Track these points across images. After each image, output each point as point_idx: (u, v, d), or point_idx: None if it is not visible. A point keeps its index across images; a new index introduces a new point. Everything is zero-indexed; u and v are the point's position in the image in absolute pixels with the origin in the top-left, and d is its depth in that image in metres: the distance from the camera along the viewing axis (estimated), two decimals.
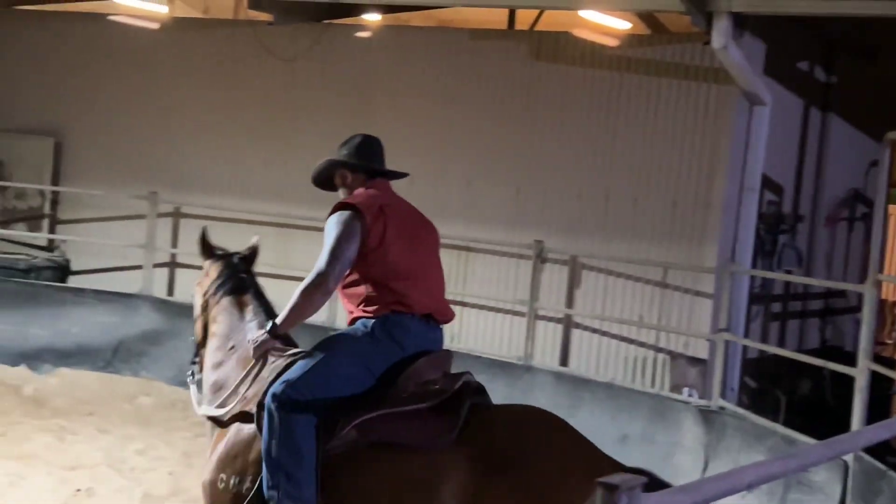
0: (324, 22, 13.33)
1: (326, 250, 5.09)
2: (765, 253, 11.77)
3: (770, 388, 11.32)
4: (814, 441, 7.96)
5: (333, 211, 5.20)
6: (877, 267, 9.51)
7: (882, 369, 8.75)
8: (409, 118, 12.68)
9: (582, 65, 11.90)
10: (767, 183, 11.48)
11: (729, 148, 11.01)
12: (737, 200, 11.04)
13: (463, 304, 12.38)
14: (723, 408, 9.77)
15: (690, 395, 10.49)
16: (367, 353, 5.05)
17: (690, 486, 3.09)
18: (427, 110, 12.74)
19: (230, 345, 5.58)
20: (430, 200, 12.13)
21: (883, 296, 13.33)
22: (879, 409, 9.03)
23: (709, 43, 10.15)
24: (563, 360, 11.72)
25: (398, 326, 5.10)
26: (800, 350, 11.89)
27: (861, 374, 8.42)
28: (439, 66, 12.74)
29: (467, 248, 12.35)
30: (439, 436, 4.73)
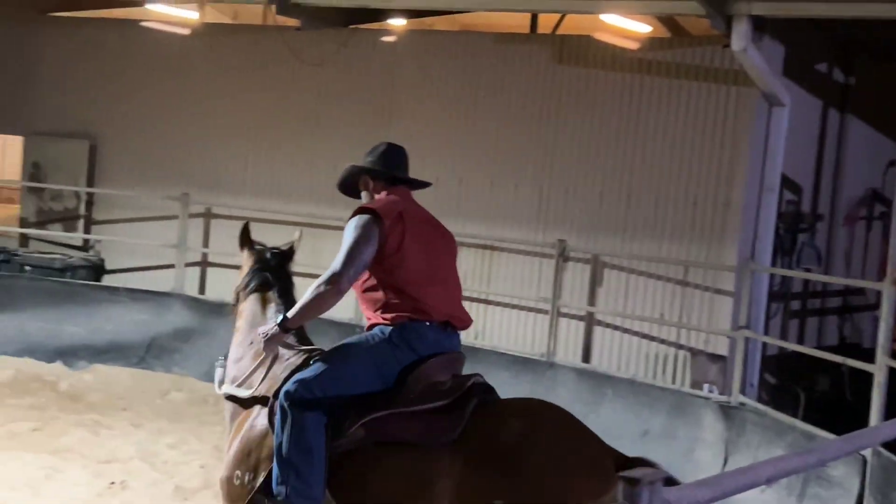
0: (350, 27, 13.34)
1: (343, 252, 5.08)
2: (784, 251, 11.72)
3: (789, 385, 11.26)
4: (832, 436, 7.92)
5: (353, 215, 5.19)
6: (895, 265, 9.46)
7: None
8: (433, 120, 12.69)
9: (603, 68, 11.87)
10: (787, 183, 11.42)
11: (748, 148, 10.96)
12: (756, 200, 10.99)
13: (487, 303, 12.39)
14: (743, 404, 9.73)
15: (711, 392, 10.45)
16: (382, 360, 5.04)
17: (711, 481, 3.09)
18: (451, 113, 12.74)
19: (249, 340, 5.58)
20: (455, 201, 12.24)
21: None
22: None
23: (728, 45, 10.12)
24: (586, 357, 11.70)
25: (415, 334, 5.07)
26: (819, 347, 11.82)
27: (879, 371, 8.37)
28: (463, 70, 12.73)
29: (491, 248, 12.35)
30: (442, 434, 4.71)
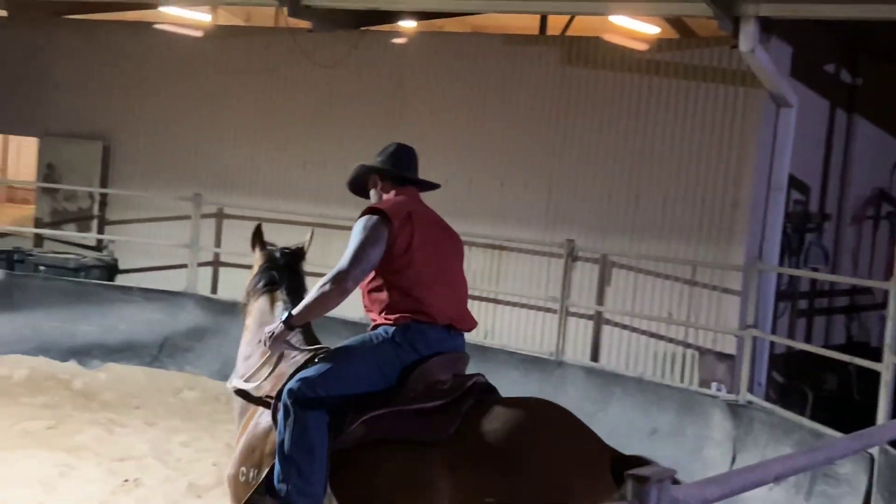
0: (361, 29, 13.35)
1: (350, 251, 5.04)
2: (791, 251, 11.70)
3: (797, 383, 11.23)
4: (840, 435, 7.89)
5: (362, 214, 5.15)
6: None
7: None
8: (443, 121, 12.68)
9: (612, 69, 11.84)
10: (794, 183, 11.39)
11: (756, 149, 10.93)
12: (764, 200, 10.97)
13: (496, 302, 12.37)
14: (750, 402, 9.70)
15: (719, 390, 10.42)
16: (385, 359, 5.01)
17: (719, 478, 3.07)
18: (461, 114, 12.73)
19: (258, 339, 5.56)
20: (464, 201, 12.22)
21: None
22: None
23: (736, 46, 10.09)
24: (594, 356, 11.68)
25: (418, 335, 5.03)
26: (826, 346, 11.79)
27: (886, 370, 8.33)
28: (473, 71, 12.72)
29: (500, 248, 12.34)
30: (437, 432, 4.68)
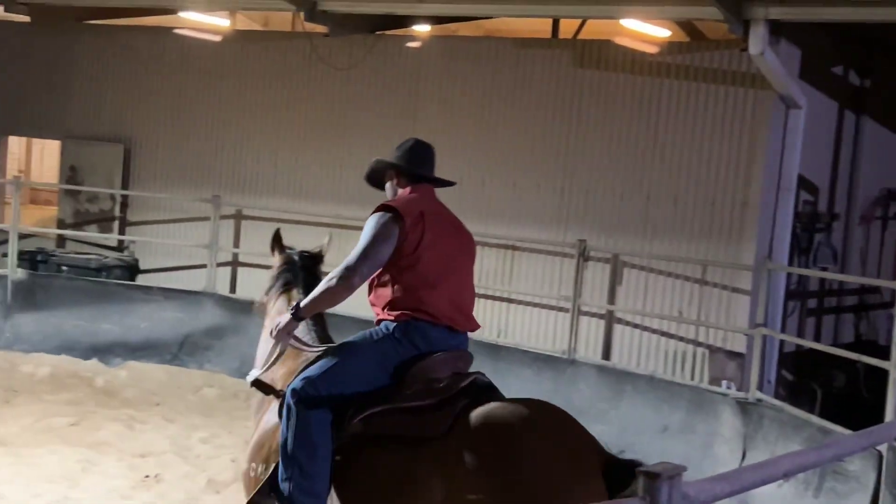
0: (376, 33, 13.38)
1: (359, 247, 5.00)
2: (801, 250, 11.67)
3: (806, 381, 11.20)
4: (849, 432, 7.87)
5: (376, 210, 5.11)
6: None
7: None
8: (457, 123, 12.68)
9: (623, 71, 11.83)
10: (803, 183, 11.36)
11: (766, 150, 10.91)
12: (773, 200, 10.94)
13: (509, 301, 12.38)
14: (760, 400, 9.68)
15: (729, 388, 10.39)
16: (385, 356, 4.99)
17: (729, 475, 3.08)
18: (474, 116, 12.73)
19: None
20: (478, 202, 12.22)
21: None
22: None
23: (746, 49, 10.08)
24: (606, 354, 11.67)
25: (418, 332, 5.00)
26: (835, 344, 11.76)
27: (894, 368, 8.30)
28: (486, 74, 12.72)
29: (513, 248, 12.34)
30: (430, 429, 4.66)
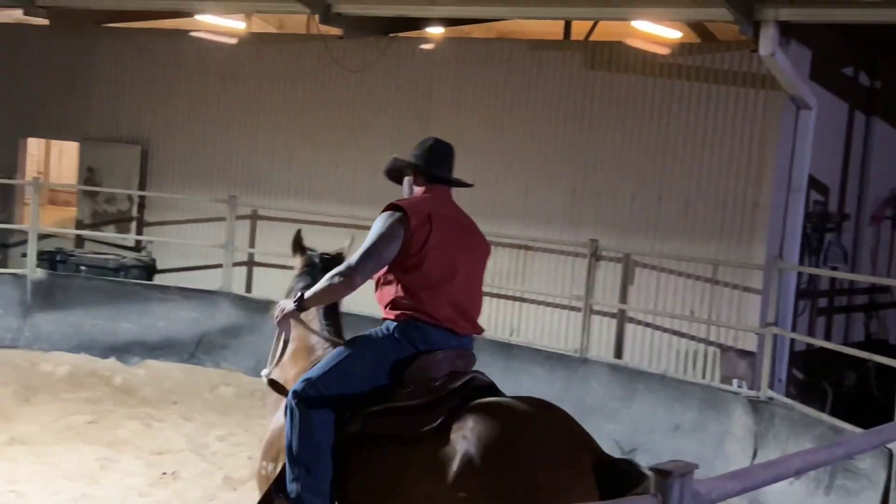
0: (390, 35, 13.38)
1: (364, 246, 4.99)
2: (811, 250, 11.63)
3: (817, 380, 11.16)
4: (859, 430, 7.84)
5: (385, 210, 5.09)
6: None
7: None
8: (470, 124, 12.67)
9: (635, 72, 11.81)
10: (814, 183, 11.32)
11: (776, 150, 10.87)
12: (784, 200, 10.90)
13: (522, 300, 12.36)
14: (771, 398, 9.64)
15: (740, 387, 10.36)
16: (385, 356, 4.98)
17: (741, 473, 3.07)
18: (487, 117, 12.72)
19: (292, 335, 5.55)
20: (491, 202, 12.21)
21: None
22: None
23: (756, 50, 10.05)
24: (618, 353, 11.65)
25: (419, 333, 4.98)
26: (845, 343, 11.72)
27: None
28: (499, 76, 12.71)
29: (526, 247, 12.33)
30: (420, 428, 4.64)
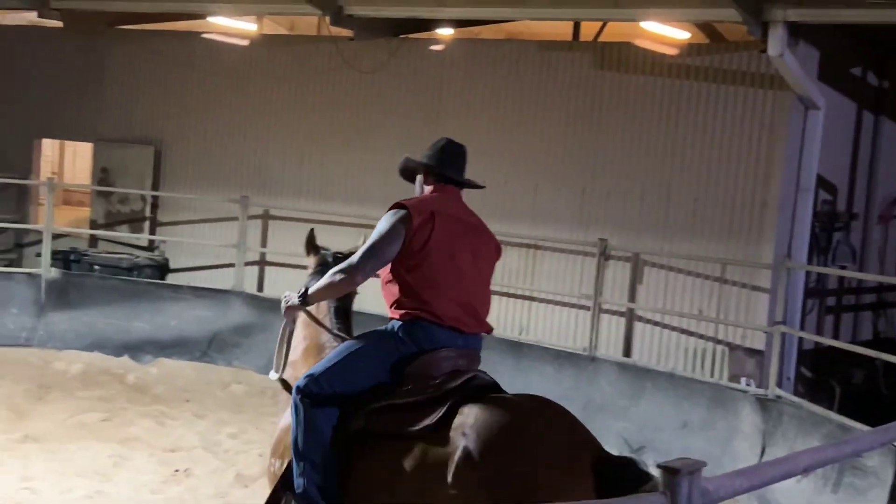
0: (400, 37, 13.38)
1: (366, 245, 5.03)
2: (820, 249, 11.59)
3: (825, 378, 11.13)
4: (867, 428, 7.81)
5: (390, 208, 5.11)
6: None
7: None
8: (480, 125, 12.65)
9: (644, 73, 11.79)
10: (822, 183, 11.29)
11: (785, 150, 10.85)
12: (793, 200, 10.88)
13: (531, 299, 12.35)
14: (779, 396, 9.62)
15: (748, 385, 10.34)
16: (388, 354, 4.98)
17: (749, 470, 3.06)
18: (497, 118, 12.71)
19: (303, 334, 5.58)
20: (501, 203, 12.20)
21: None
22: None
23: (765, 51, 10.03)
24: (627, 352, 11.64)
25: (422, 332, 4.97)
26: (853, 342, 11.68)
27: None
28: (508, 77, 12.70)
29: (535, 247, 12.32)
30: (419, 426, 4.63)
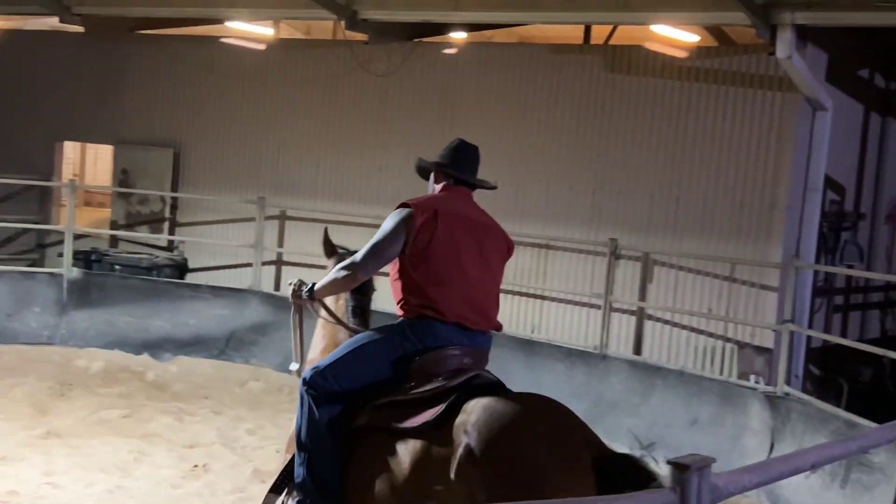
0: (414, 40, 13.39)
1: (369, 244, 5.04)
2: (828, 249, 11.56)
3: (833, 376, 11.10)
4: (874, 425, 7.79)
5: (397, 207, 5.11)
6: None
7: None
8: (492, 127, 12.65)
9: (654, 75, 11.78)
10: (830, 183, 11.26)
11: (793, 151, 10.82)
12: (801, 200, 10.85)
13: (543, 298, 12.35)
14: (788, 394, 9.60)
15: (757, 382, 10.32)
16: (392, 350, 4.97)
17: (757, 466, 3.06)
18: (509, 120, 12.71)
19: (322, 333, 5.60)
20: (512, 203, 12.21)
21: None
22: None
23: (773, 53, 10.01)
24: (637, 350, 11.62)
25: (427, 329, 4.95)
26: (861, 340, 11.65)
27: None
28: (520, 79, 12.71)
29: (547, 246, 12.32)
30: (420, 422, 4.61)
